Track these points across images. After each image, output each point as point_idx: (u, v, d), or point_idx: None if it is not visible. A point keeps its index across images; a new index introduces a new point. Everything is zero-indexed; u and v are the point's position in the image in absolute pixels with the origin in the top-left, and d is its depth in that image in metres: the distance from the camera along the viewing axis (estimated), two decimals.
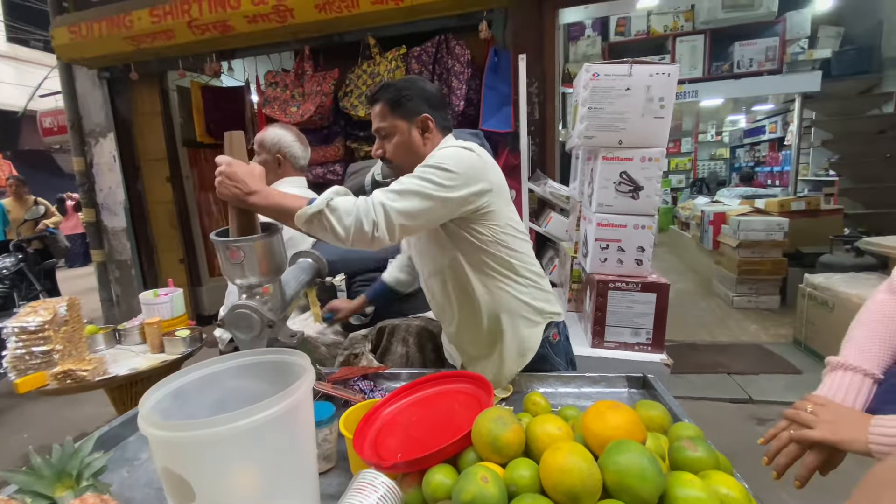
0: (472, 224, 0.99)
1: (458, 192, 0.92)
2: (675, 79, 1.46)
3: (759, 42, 4.39)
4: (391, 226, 0.88)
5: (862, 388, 0.67)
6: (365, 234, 0.86)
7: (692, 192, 8.25)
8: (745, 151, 8.50)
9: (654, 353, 1.56)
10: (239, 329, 0.93)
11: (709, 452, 0.58)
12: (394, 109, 1.03)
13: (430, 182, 0.90)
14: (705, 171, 9.78)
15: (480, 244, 1.01)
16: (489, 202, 0.98)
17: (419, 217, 0.90)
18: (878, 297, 0.75)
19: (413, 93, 1.03)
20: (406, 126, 1.04)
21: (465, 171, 0.93)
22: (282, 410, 0.62)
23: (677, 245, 6.81)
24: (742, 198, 5.11)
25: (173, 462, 0.60)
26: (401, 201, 0.89)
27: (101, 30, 3.28)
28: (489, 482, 0.49)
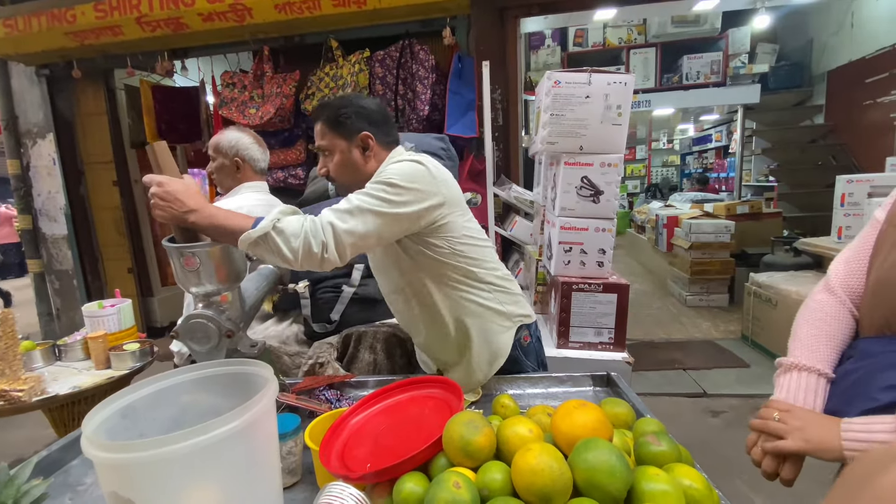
0: (427, 238, 0.98)
1: (409, 207, 0.91)
2: (631, 88, 1.52)
3: (704, 56, 4.67)
4: (341, 246, 0.86)
5: (818, 388, 0.70)
6: (314, 255, 0.84)
7: (647, 197, 8.64)
8: (694, 158, 9.00)
9: (616, 351, 1.61)
10: (195, 340, 0.88)
11: (671, 446, 0.60)
12: (333, 128, 1.02)
13: (380, 199, 0.89)
14: (658, 176, 10.27)
15: (438, 257, 1.00)
16: (442, 215, 0.97)
17: (370, 236, 0.88)
18: (818, 296, 0.79)
19: (351, 110, 1.01)
20: (346, 145, 1.02)
21: (416, 186, 0.91)
22: (242, 425, 0.59)
23: (634, 247, 7.09)
24: (693, 202, 5.39)
25: (122, 486, 0.55)
26: (350, 220, 0.87)
27: (41, 24, 3.06)
28: (462, 488, 0.48)
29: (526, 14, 3.05)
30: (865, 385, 0.63)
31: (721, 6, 3.57)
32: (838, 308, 0.75)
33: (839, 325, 0.74)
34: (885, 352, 0.64)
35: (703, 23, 4.66)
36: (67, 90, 3.58)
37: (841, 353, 0.73)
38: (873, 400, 0.61)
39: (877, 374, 0.63)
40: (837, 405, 0.66)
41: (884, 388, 0.60)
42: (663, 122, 8.75)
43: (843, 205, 2.62)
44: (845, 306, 0.75)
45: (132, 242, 3.78)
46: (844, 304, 0.75)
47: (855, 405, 0.63)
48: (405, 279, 1.04)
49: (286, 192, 3.10)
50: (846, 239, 2.63)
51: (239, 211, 0.99)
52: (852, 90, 4.18)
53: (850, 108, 4.24)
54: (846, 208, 2.61)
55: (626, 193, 10.24)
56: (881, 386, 0.61)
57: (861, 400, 0.63)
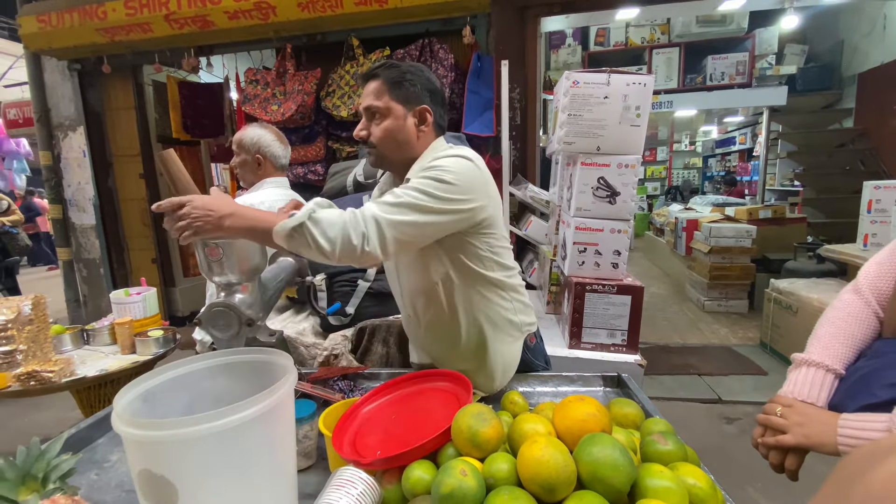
0: (469, 238, 0.94)
1: (459, 206, 0.87)
2: (651, 89, 1.51)
3: (730, 56, 4.57)
4: (384, 239, 0.81)
5: (824, 382, 0.71)
6: (354, 247, 0.79)
7: (666, 200, 8.50)
8: (716, 161, 8.82)
9: (629, 353, 1.61)
10: (216, 327, 0.92)
11: (678, 446, 0.60)
12: (393, 90, 0.94)
13: (429, 195, 0.84)
14: (679, 179, 10.09)
15: (475, 259, 0.96)
16: (489, 215, 0.94)
17: (416, 231, 0.84)
18: (844, 297, 0.80)
19: (417, 79, 0.96)
20: (402, 111, 0.95)
21: (467, 184, 0.87)
22: (266, 409, 0.62)
23: (652, 250, 6.99)
24: (714, 205, 5.29)
25: (154, 463, 0.59)
26: (396, 214, 0.82)
27: (73, 20, 3.17)
28: (468, 475, 0.50)
29: (547, 13, 3.04)
30: (868, 381, 0.64)
31: (748, 6, 3.49)
32: (862, 308, 0.75)
33: (860, 326, 0.74)
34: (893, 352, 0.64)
35: (730, 23, 4.56)
36: (98, 85, 3.70)
37: (859, 352, 0.74)
38: (873, 396, 0.61)
39: (881, 372, 0.63)
40: (840, 400, 0.67)
41: (885, 385, 0.61)
42: (686, 123, 8.59)
43: (869, 211, 2.55)
44: (870, 307, 0.75)
45: (156, 234, 3.89)
46: (870, 305, 0.75)
47: (856, 400, 0.64)
48: (438, 276, 0.98)
49: (305, 188, 3.16)
50: (872, 247, 2.55)
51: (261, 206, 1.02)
52: (884, 93, 4.04)
53: (881, 111, 4.11)
54: (873, 215, 2.53)
55: (646, 195, 10.10)
56: (883, 383, 0.61)
57: (862, 395, 0.63)
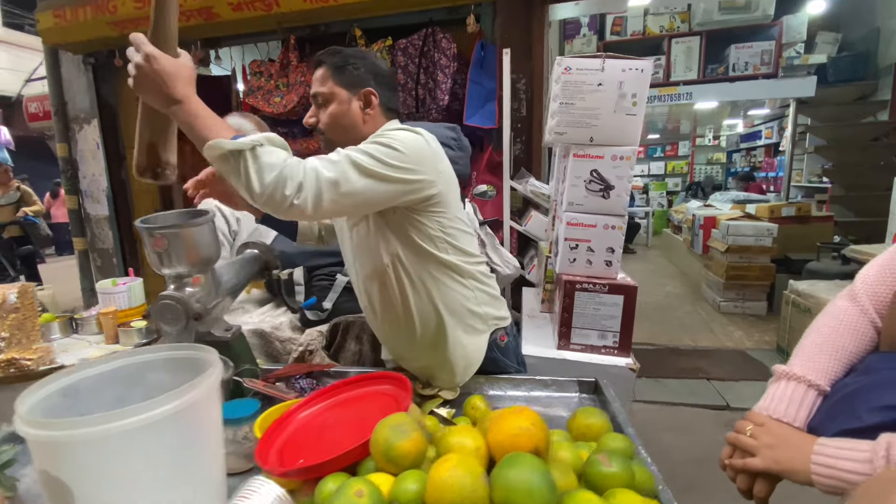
0: (418, 216, 0.91)
1: (405, 175, 0.83)
2: (649, 75, 1.41)
3: (754, 45, 4.34)
4: (318, 196, 0.75)
5: (805, 399, 0.62)
6: (285, 197, 0.73)
7: (687, 196, 8.22)
8: (741, 156, 8.46)
9: (621, 356, 1.52)
10: (164, 321, 0.89)
11: (623, 468, 0.54)
12: (336, 75, 0.95)
13: (375, 159, 0.80)
14: (702, 174, 9.75)
15: (425, 239, 0.93)
16: (439, 192, 0.90)
17: (355, 194, 0.79)
18: (838, 303, 0.71)
19: (361, 62, 0.96)
20: (346, 95, 0.95)
21: (415, 155, 0.84)
22: (178, 408, 0.58)
23: (669, 248, 6.79)
24: (734, 202, 5.07)
25: (51, 465, 0.55)
26: (337, 172, 0.77)
27: (86, 14, 3.22)
28: (364, 496, 0.45)
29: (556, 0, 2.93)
30: (854, 402, 0.55)
31: None
32: (856, 317, 0.67)
33: (852, 336, 0.65)
34: (887, 368, 0.55)
35: (755, 9, 4.33)
36: (111, 78, 3.76)
37: (850, 366, 0.65)
38: (857, 419, 0.53)
39: (870, 391, 0.54)
40: (820, 422, 0.59)
41: (872, 409, 0.52)
42: (709, 116, 8.27)
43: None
44: (866, 316, 0.66)
45: None
46: (866, 314, 0.66)
47: (837, 423, 0.55)
48: (387, 258, 0.94)
49: None
50: None
51: None
52: None
53: None
54: None
55: (666, 191, 9.81)
56: (871, 405, 0.53)
57: (844, 417, 0.55)
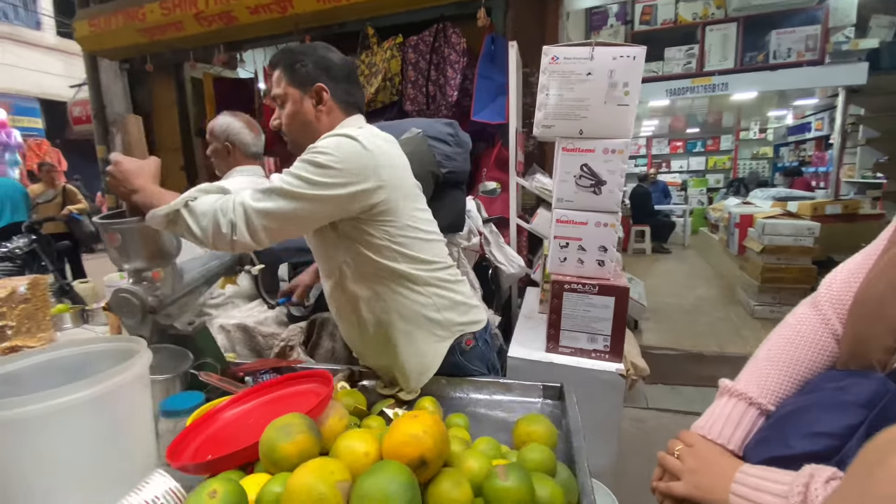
0: (363, 225, 0.89)
1: (335, 190, 0.82)
2: (641, 62, 1.33)
3: (797, 30, 4.03)
4: (252, 228, 0.81)
5: (743, 419, 0.56)
6: (224, 236, 0.80)
7: (728, 193, 7.78)
8: (789, 150, 7.91)
9: (612, 361, 1.44)
10: (121, 313, 0.91)
11: (520, 483, 0.50)
12: (288, 75, 0.95)
13: (303, 180, 0.81)
14: (746, 170, 9.21)
15: (372, 249, 0.91)
16: (381, 200, 0.87)
17: (287, 219, 0.82)
18: (799, 310, 0.64)
19: (310, 59, 0.94)
20: (299, 94, 0.95)
21: (346, 166, 0.82)
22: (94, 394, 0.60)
23: (705, 248, 6.46)
24: (775, 199, 4.74)
25: None
26: (265, 201, 0.81)
27: (118, 22, 3.41)
28: (217, 497, 0.43)
29: None
30: (785, 426, 0.49)
31: None
32: (817, 328, 0.59)
33: (809, 349, 0.58)
34: (828, 389, 0.48)
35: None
36: (144, 83, 3.97)
37: (805, 382, 0.58)
38: (786, 447, 0.46)
39: (805, 414, 0.48)
40: (752, 445, 0.52)
41: (805, 435, 0.46)
42: (754, 108, 7.78)
43: None
44: (828, 326, 0.59)
45: None
46: (827, 324, 0.59)
47: (766, 448, 0.49)
48: (337, 264, 0.96)
49: None
50: None
51: None
52: None
53: None
54: None
55: (706, 188, 9.33)
56: (804, 431, 0.46)
57: (773, 443, 0.48)
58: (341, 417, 0.66)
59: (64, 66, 9.13)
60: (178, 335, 0.98)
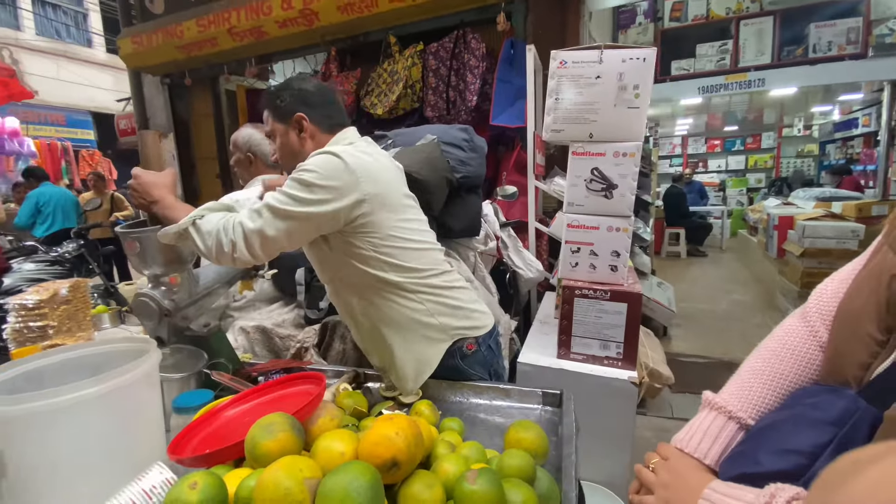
0: (348, 238, 0.94)
1: (321, 207, 0.87)
2: (652, 64, 1.30)
3: (838, 23, 3.81)
4: (250, 246, 0.87)
5: (722, 435, 0.54)
6: (225, 254, 0.87)
7: (769, 193, 7.41)
8: (835, 147, 7.45)
9: (625, 369, 1.41)
10: (141, 316, 0.98)
11: (489, 488, 0.50)
12: (272, 113, 1.03)
13: (290, 198, 0.87)
14: (790, 169, 8.74)
15: (358, 260, 0.95)
16: (363, 213, 0.91)
17: (279, 236, 0.87)
18: (787, 322, 0.61)
19: (287, 94, 1.01)
20: (283, 128, 1.02)
21: (331, 183, 0.87)
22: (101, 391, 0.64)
23: (744, 252, 6.18)
24: (818, 200, 4.49)
25: None
26: (258, 220, 0.87)
27: (158, 39, 3.63)
28: (197, 488, 0.47)
29: None
30: (759, 441, 0.47)
31: None
32: (803, 340, 0.57)
33: (794, 362, 0.56)
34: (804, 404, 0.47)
35: None
36: (184, 96, 4.20)
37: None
38: (756, 463, 0.45)
39: (777, 431, 0.47)
40: (725, 461, 0.51)
41: (775, 451, 0.44)
42: (797, 104, 7.38)
43: None
44: (816, 338, 0.57)
45: None
46: (815, 336, 0.57)
47: (736, 465, 0.48)
48: (329, 275, 1.03)
49: None
50: None
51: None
52: None
53: None
54: None
55: (746, 188, 8.93)
56: (774, 447, 0.45)
57: (744, 460, 0.47)
58: (332, 418, 0.69)
59: (113, 81, 9.82)
60: (195, 336, 1.04)
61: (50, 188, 4.33)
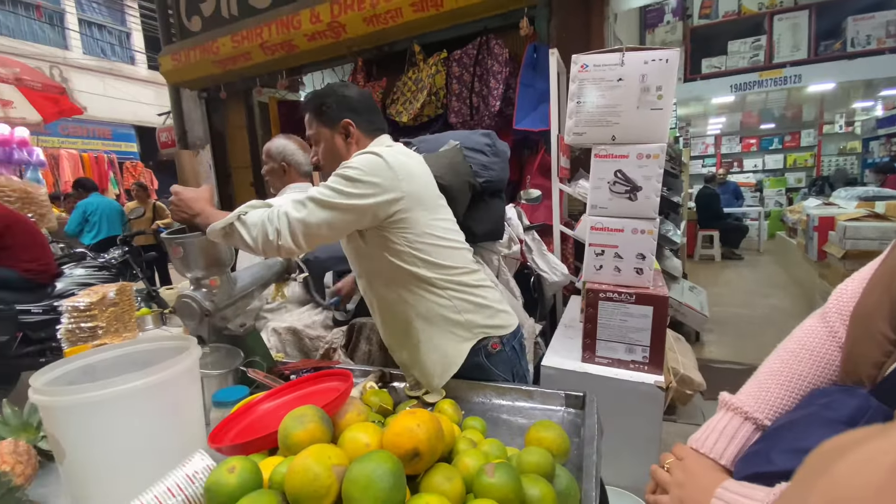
0: (385, 233, 0.98)
1: (362, 200, 0.91)
2: (675, 65, 1.30)
3: (877, 15, 3.64)
4: (294, 235, 0.91)
5: (738, 435, 0.54)
6: (270, 242, 0.90)
7: (809, 193, 7.09)
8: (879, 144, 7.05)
9: (652, 373, 1.40)
10: (184, 316, 1.04)
11: (506, 481, 0.52)
12: (317, 117, 1.07)
13: (334, 191, 0.91)
14: (832, 167, 8.33)
15: (394, 255, 0.99)
16: (401, 209, 0.96)
17: (321, 226, 0.92)
18: (807, 322, 0.61)
19: (333, 100, 1.06)
20: (329, 133, 1.07)
21: (373, 179, 0.92)
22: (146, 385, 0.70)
23: (783, 254, 5.93)
24: (861, 199, 4.27)
25: (49, 424, 0.70)
26: (303, 210, 0.91)
27: (196, 56, 3.83)
28: (235, 472, 0.50)
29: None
30: (773, 441, 0.48)
31: None
32: (822, 341, 0.57)
33: (813, 363, 0.56)
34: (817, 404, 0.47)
35: None
36: (219, 109, 4.39)
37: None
38: (769, 462, 0.46)
39: (791, 430, 0.47)
40: (740, 460, 0.52)
41: (787, 451, 0.45)
42: (838, 99, 7.05)
43: None
44: (835, 339, 0.57)
45: None
46: (834, 337, 0.57)
47: (750, 465, 0.48)
48: (365, 267, 1.07)
49: None
50: None
51: None
52: None
53: None
54: None
55: (785, 188, 8.56)
56: (787, 446, 0.45)
57: (757, 459, 0.48)
58: (359, 413, 0.72)
59: (155, 96, 10.37)
60: (232, 336, 1.10)
61: (97, 198, 4.60)
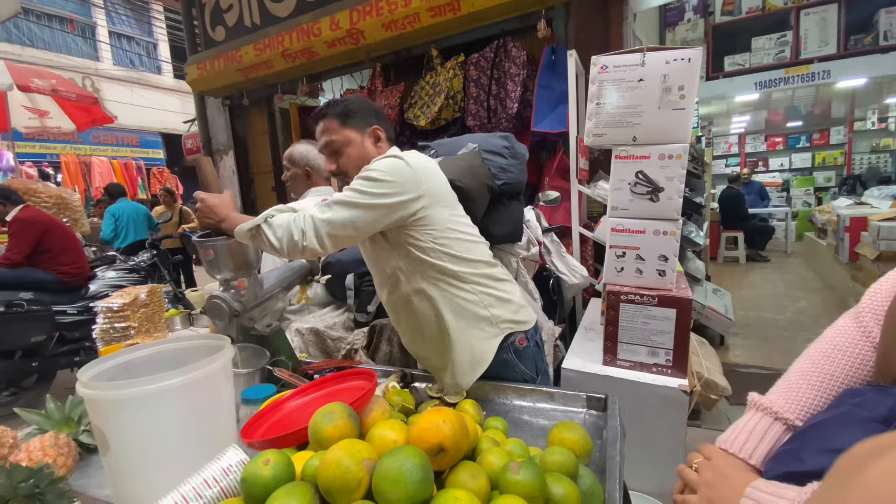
0: (408, 231, 1.01)
1: (385, 199, 0.94)
2: (697, 64, 1.28)
3: None
4: (318, 235, 0.93)
5: (767, 435, 0.54)
6: (295, 243, 0.94)
7: (840, 192, 6.85)
8: None
9: (675, 377, 1.38)
10: (213, 316, 1.08)
11: (531, 479, 0.53)
12: (344, 122, 1.08)
13: (357, 192, 0.95)
14: (864, 165, 8.04)
15: (419, 252, 1.01)
16: (423, 207, 0.99)
17: (346, 226, 0.94)
18: (839, 322, 0.60)
19: (360, 106, 1.09)
20: (359, 137, 1.09)
21: (394, 179, 0.95)
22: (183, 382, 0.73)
23: (812, 255, 5.75)
24: (895, 198, 4.11)
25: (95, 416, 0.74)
26: (328, 211, 0.94)
27: (220, 65, 3.94)
28: (269, 464, 0.52)
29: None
30: (804, 440, 0.47)
31: None
32: (856, 341, 0.56)
33: (846, 363, 0.55)
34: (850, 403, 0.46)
35: None
36: (242, 116, 4.51)
37: None
38: (800, 462, 0.45)
39: (822, 431, 0.46)
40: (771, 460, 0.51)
41: (818, 451, 0.44)
42: (870, 95, 6.81)
43: None
44: (868, 340, 0.56)
45: None
46: (868, 337, 0.56)
47: (781, 464, 0.48)
48: (390, 268, 1.08)
49: None
50: None
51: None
52: None
53: None
54: None
55: (814, 188, 8.30)
56: (818, 446, 0.45)
57: (788, 459, 0.47)
58: (384, 411, 0.74)
59: (180, 104, 10.71)
60: (259, 336, 1.14)
61: (123, 203, 4.77)
